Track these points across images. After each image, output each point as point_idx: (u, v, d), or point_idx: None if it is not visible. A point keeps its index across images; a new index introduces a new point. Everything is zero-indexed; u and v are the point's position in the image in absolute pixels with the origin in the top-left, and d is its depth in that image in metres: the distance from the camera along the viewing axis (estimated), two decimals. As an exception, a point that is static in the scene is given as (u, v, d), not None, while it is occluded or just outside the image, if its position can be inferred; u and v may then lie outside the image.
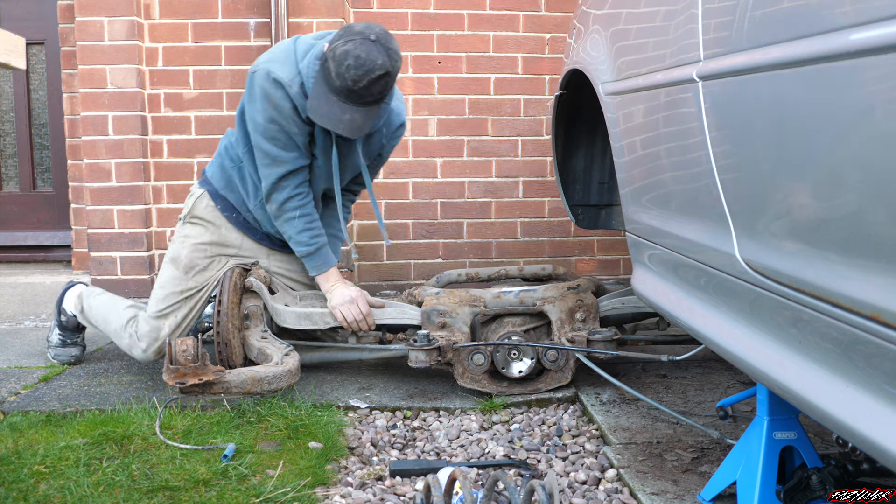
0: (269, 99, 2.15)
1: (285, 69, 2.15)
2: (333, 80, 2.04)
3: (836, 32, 0.93)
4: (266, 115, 2.17)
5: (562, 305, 2.32)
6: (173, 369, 1.98)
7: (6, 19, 3.51)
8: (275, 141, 2.20)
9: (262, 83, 2.15)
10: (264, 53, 2.26)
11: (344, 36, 2.05)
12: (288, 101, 2.15)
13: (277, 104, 2.15)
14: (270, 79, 2.14)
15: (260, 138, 2.21)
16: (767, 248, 1.20)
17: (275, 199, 2.28)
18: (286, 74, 2.14)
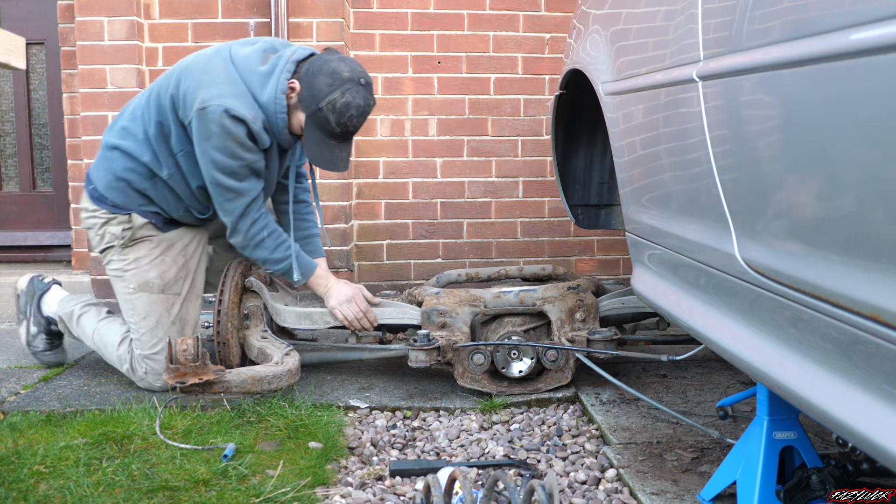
0: (231, 136, 2.09)
1: (244, 105, 2.10)
2: (334, 128, 2.14)
3: (836, 32, 0.93)
4: (227, 153, 2.11)
5: (562, 305, 2.32)
6: (173, 368, 1.98)
7: (6, 19, 3.51)
8: (235, 175, 2.15)
9: (220, 121, 2.07)
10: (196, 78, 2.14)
11: (335, 85, 2.10)
12: (249, 136, 2.12)
13: (241, 141, 2.10)
14: (230, 116, 2.07)
15: (219, 175, 2.14)
16: (767, 248, 1.20)
17: (240, 230, 2.22)
18: (247, 111, 2.10)
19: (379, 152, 3.59)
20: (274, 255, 2.26)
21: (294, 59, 2.17)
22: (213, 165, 2.13)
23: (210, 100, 2.08)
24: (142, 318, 2.28)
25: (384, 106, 3.57)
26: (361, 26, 3.52)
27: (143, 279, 2.28)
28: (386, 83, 3.56)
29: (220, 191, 2.18)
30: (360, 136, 3.56)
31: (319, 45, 3.31)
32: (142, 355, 2.27)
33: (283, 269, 2.29)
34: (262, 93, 2.14)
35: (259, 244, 2.24)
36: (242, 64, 2.16)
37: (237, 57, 2.18)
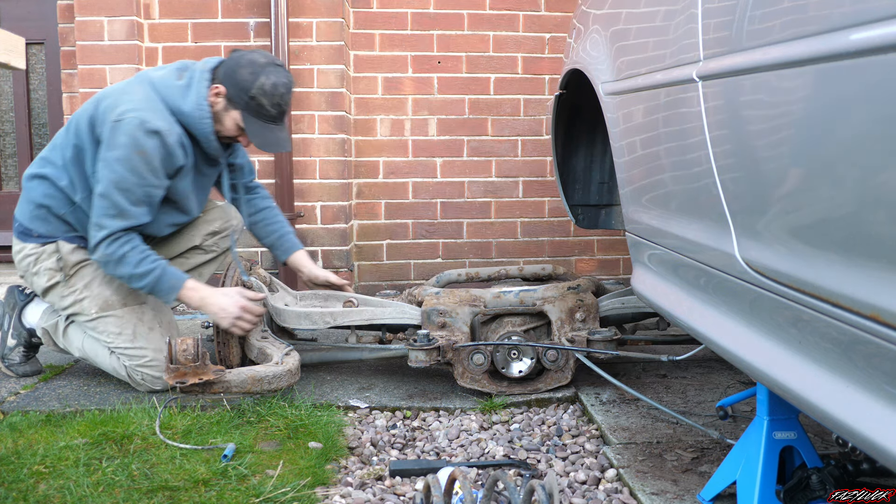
0: (139, 149, 2.07)
1: (159, 118, 2.10)
2: (270, 111, 2.17)
3: (836, 32, 0.93)
4: (129, 167, 2.08)
5: (562, 305, 2.32)
6: (173, 368, 1.98)
7: (6, 19, 3.51)
8: (129, 194, 2.11)
9: (132, 132, 2.06)
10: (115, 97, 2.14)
11: (257, 72, 2.14)
12: (161, 150, 2.10)
13: (148, 154, 2.08)
14: (145, 128, 2.07)
15: (113, 188, 2.09)
16: (767, 248, 1.20)
17: (102, 247, 2.14)
18: (163, 124, 2.10)
19: (379, 152, 3.59)
20: (138, 270, 2.14)
21: (207, 67, 2.21)
22: (111, 177, 2.09)
23: (126, 112, 2.09)
24: (117, 335, 2.24)
25: (384, 106, 3.57)
26: (361, 26, 3.52)
27: (102, 299, 2.24)
28: (386, 83, 3.56)
29: (107, 205, 2.11)
30: (360, 136, 3.56)
31: (319, 45, 3.31)
32: (133, 366, 2.24)
33: (149, 284, 2.16)
34: (184, 102, 2.16)
35: (121, 259, 2.14)
36: (160, 82, 2.19)
37: (154, 77, 2.21)
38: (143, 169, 2.10)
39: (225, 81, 2.18)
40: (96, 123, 2.15)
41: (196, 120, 2.17)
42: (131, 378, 2.26)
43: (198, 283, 2.23)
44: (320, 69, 3.33)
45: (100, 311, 2.25)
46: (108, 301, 2.25)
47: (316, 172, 3.37)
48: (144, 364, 2.24)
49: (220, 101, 2.19)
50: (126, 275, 2.16)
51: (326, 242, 3.41)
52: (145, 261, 2.16)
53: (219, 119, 2.21)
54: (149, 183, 2.13)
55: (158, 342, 2.25)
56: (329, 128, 3.35)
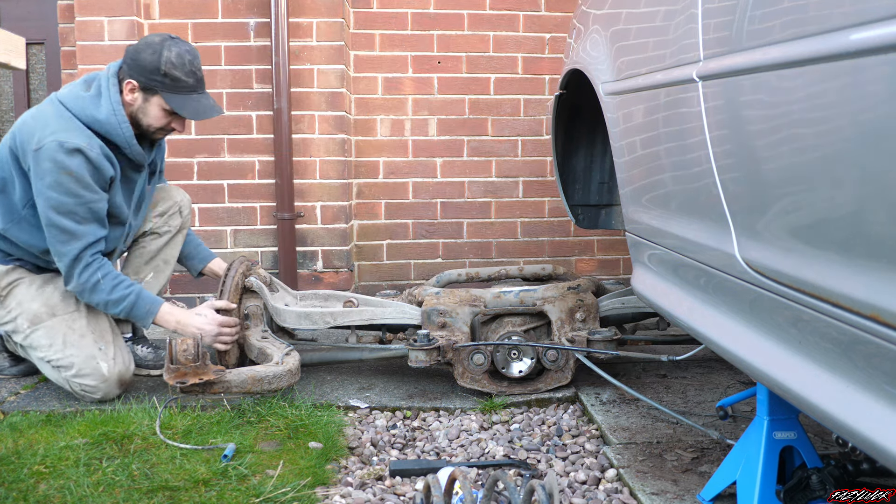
0: (65, 170, 2.05)
1: (76, 135, 2.08)
2: (185, 80, 2.16)
3: (836, 32, 0.93)
4: (62, 190, 2.06)
5: (562, 305, 2.32)
6: (174, 369, 1.98)
7: (6, 19, 3.51)
8: (72, 216, 2.08)
9: (53, 156, 2.04)
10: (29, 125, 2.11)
11: (157, 49, 2.13)
12: (87, 165, 2.08)
13: (76, 173, 2.06)
14: (65, 149, 2.04)
15: (54, 215, 2.07)
16: (767, 248, 1.20)
17: (73, 275, 2.13)
18: (81, 140, 2.07)
19: (379, 152, 3.59)
20: (112, 296, 2.14)
21: (111, 71, 2.19)
22: (49, 204, 2.07)
23: (43, 139, 2.06)
24: (48, 347, 2.18)
25: (384, 106, 3.57)
26: (361, 26, 3.52)
27: (31, 313, 2.20)
28: (386, 83, 3.56)
29: (56, 232, 2.09)
30: (360, 136, 3.57)
31: (320, 45, 3.31)
32: (67, 378, 2.16)
33: (125, 310, 2.16)
34: (98, 111, 2.13)
35: (94, 287, 2.13)
36: (68, 97, 2.16)
37: (62, 94, 2.18)
38: (76, 188, 2.07)
39: (132, 74, 2.15)
40: (19, 155, 2.12)
41: (114, 126, 2.14)
42: (73, 390, 2.18)
43: (173, 307, 2.24)
44: (320, 69, 3.33)
45: (31, 325, 2.20)
46: (36, 314, 2.20)
47: (316, 172, 3.37)
48: (77, 374, 2.15)
49: (136, 96, 2.17)
50: (102, 301, 2.16)
51: (326, 242, 3.41)
52: (119, 286, 2.15)
53: (144, 113, 2.18)
54: (87, 200, 2.10)
55: (90, 349, 2.17)
56: (329, 128, 3.35)
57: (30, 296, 2.22)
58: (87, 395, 2.17)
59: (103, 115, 2.13)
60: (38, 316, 2.21)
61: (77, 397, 2.19)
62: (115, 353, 2.21)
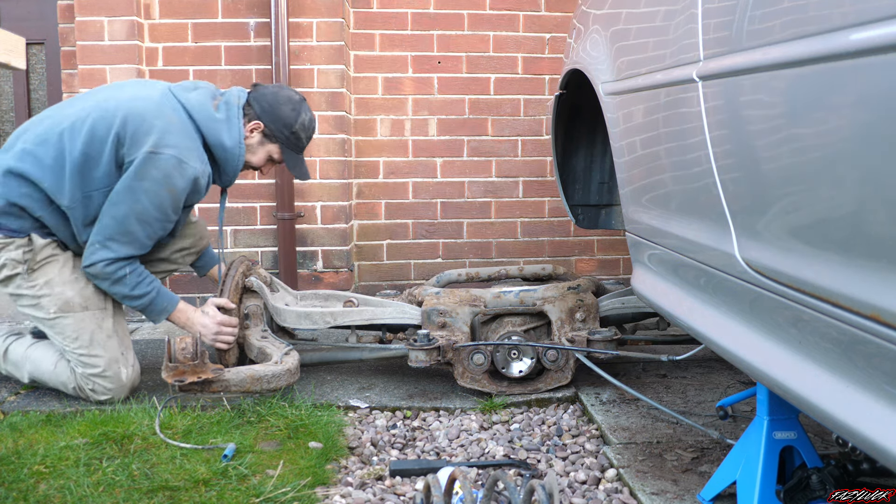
0: (170, 188, 2.08)
1: (196, 158, 2.12)
2: (304, 143, 2.33)
3: (836, 32, 0.93)
4: (155, 202, 2.09)
5: (562, 305, 2.32)
6: (172, 367, 1.98)
7: (6, 19, 3.51)
8: (146, 226, 2.12)
9: (168, 170, 2.07)
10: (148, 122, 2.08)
11: (297, 109, 2.28)
12: (190, 188, 2.12)
13: (178, 194, 2.11)
14: (181, 170, 2.08)
15: (133, 218, 2.09)
16: (767, 248, 1.20)
17: (101, 268, 2.12)
18: (199, 165, 2.13)
19: (379, 152, 3.59)
20: (134, 292, 2.16)
21: (241, 101, 2.25)
22: (135, 206, 2.08)
23: (164, 147, 2.07)
24: (73, 339, 2.15)
25: (384, 106, 3.57)
26: (361, 26, 3.52)
27: (62, 300, 2.15)
28: (386, 83, 3.56)
29: (120, 230, 2.10)
30: (360, 136, 3.57)
31: (320, 45, 3.31)
32: (85, 374, 2.15)
33: (142, 305, 2.19)
34: (227, 138, 2.19)
35: (119, 280, 2.13)
36: (198, 111, 2.17)
37: (189, 104, 2.18)
38: (168, 206, 2.12)
39: (263, 118, 2.25)
40: (123, 144, 2.08)
41: (235, 157, 2.22)
42: (80, 388, 2.16)
43: (186, 305, 2.26)
44: (320, 69, 3.33)
45: (59, 311, 2.15)
46: (68, 302, 2.16)
47: (316, 172, 3.37)
48: (98, 374, 2.15)
49: (256, 137, 2.27)
50: (120, 294, 2.16)
51: (326, 242, 3.41)
52: (142, 283, 2.17)
53: (252, 153, 2.29)
54: (169, 219, 2.17)
55: (115, 352, 2.18)
56: (329, 128, 3.35)
57: (62, 279, 2.17)
58: (96, 396, 2.17)
59: (230, 144, 2.20)
60: (70, 305, 2.16)
61: (81, 396, 2.18)
62: (132, 359, 2.24)
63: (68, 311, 2.16)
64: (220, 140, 2.18)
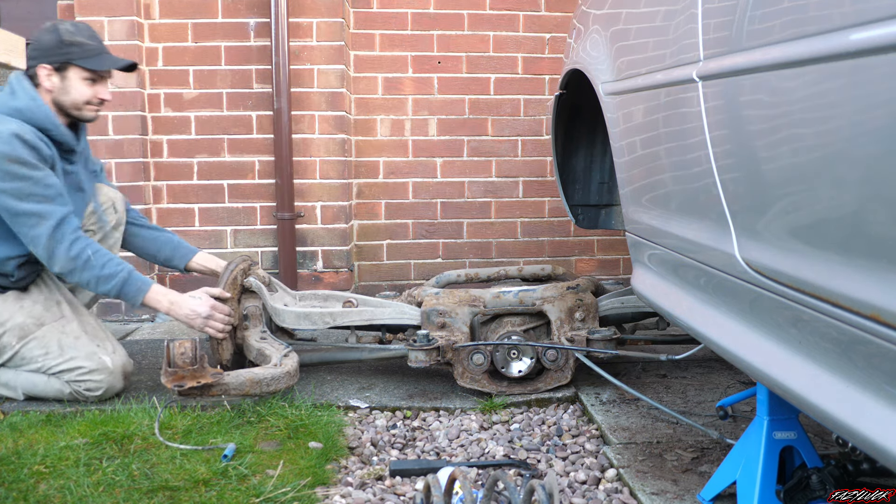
0: (8, 158, 2.05)
1: (8, 123, 2.09)
2: (90, 43, 2.21)
3: (836, 32, 0.93)
4: (12, 176, 2.05)
5: (561, 305, 2.32)
6: (171, 372, 1.98)
7: (6, 19, 3.51)
8: (32, 198, 2.08)
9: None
10: None
11: (52, 28, 2.19)
12: (25, 147, 2.07)
13: (19, 157, 2.06)
14: (3, 136, 2.05)
15: (14, 202, 2.06)
16: (767, 248, 1.20)
17: (57, 255, 2.09)
18: (13, 125, 2.08)
19: (379, 152, 3.59)
20: (104, 272, 2.12)
21: (17, 73, 2.22)
22: (6, 195, 2.06)
23: None
24: (44, 355, 2.16)
25: (384, 106, 3.57)
26: (361, 26, 3.52)
27: (17, 327, 2.17)
28: (386, 83, 3.56)
29: (21, 219, 2.08)
30: (360, 136, 3.57)
31: (320, 45, 3.32)
32: (72, 379, 2.16)
33: (116, 287, 2.14)
34: (16, 101, 2.15)
35: (85, 263, 2.10)
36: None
37: None
38: (24, 170, 2.07)
39: (41, 60, 2.18)
40: None
41: (34, 109, 2.14)
42: (76, 392, 2.17)
43: (164, 288, 2.22)
44: (320, 69, 3.33)
45: (19, 339, 2.17)
46: (23, 327, 2.17)
47: (316, 172, 3.37)
48: (82, 375, 2.15)
49: (54, 80, 2.19)
50: (93, 278, 2.13)
51: (326, 242, 3.41)
52: (110, 263, 2.14)
53: (66, 92, 2.19)
54: (38, 178, 2.09)
55: (89, 346, 2.18)
56: (329, 128, 3.35)
57: (9, 312, 2.17)
58: (92, 393, 2.17)
59: (22, 104, 2.14)
60: (26, 328, 2.17)
61: (80, 399, 2.18)
62: (113, 347, 2.23)
63: (27, 335, 2.17)
64: (11, 106, 2.14)
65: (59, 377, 2.17)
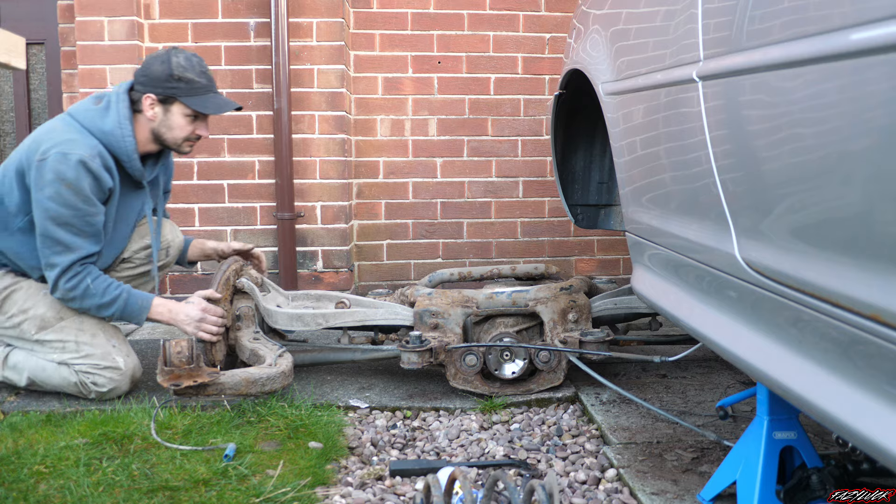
0: (65, 182, 2.07)
1: (80, 146, 2.11)
2: (199, 81, 2.23)
3: (836, 32, 0.93)
4: (61, 201, 2.08)
5: (554, 306, 2.32)
6: (167, 371, 1.98)
7: (6, 19, 3.51)
8: (68, 227, 2.10)
9: (56, 167, 2.07)
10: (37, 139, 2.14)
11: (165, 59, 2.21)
12: (88, 177, 2.10)
13: (75, 185, 2.08)
14: (68, 160, 2.07)
15: (51, 226, 2.09)
16: (767, 248, 1.20)
17: (59, 286, 2.14)
18: (85, 151, 2.10)
19: (379, 152, 3.59)
20: (105, 299, 2.16)
21: (122, 88, 2.23)
22: (47, 215, 2.09)
23: (47, 151, 2.09)
24: (62, 348, 2.20)
25: (384, 106, 3.57)
26: (361, 26, 3.52)
27: (39, 319, 2.21)
28: (386, 83, 3.56)
29: (50, 243, 2.11)
30: (360, 136, 3.57)
31: (319, 45, 3.32)
32: (83, 370, 2.18)
33: (118, 310, 2.18)
34: (104, 122, 2.17)
35: (85, 292, 2.14)
36: (78, 109, 2.21)
37: (73, 108, 2.23)
38: (74, 200, 2.09)
39: (147, 89, 2.21)
40: (25, 169, 2.14)
41: (118, 138, 2.18)
42: (83, 385, 2.19)
43: (164, 299, 2.24)
44: (320, 69, 3.33)
45: (38, 329, 2.21)
46: (44, 318, 2.21)
47: (316, 172, 3.37)
48: (96, 368, 2.18)
49: (156, 111, 2.22)
50: (94, 306, 2.17)
51: (326, 242, 3.41)
52: (109, 289, 2.17)
53: (168, 127, 2.23)
54: (84, 213, 2.12)
55: (105, 346, 2.21)
56: (329, 128, 3.35)
57: (32, 301, 2.23)
58: (98, 388, 2.19)
59: (108, 127, 2.17)
60: (46, 320, 2.22)
61: (84, 393, 2.19)
62: (127, 350, 2.26)
63: (47, 327, 2.21)
64: (98, 126, 2.16)
65: (72, 368, 2.19)
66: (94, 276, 2.16)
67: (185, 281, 3.34)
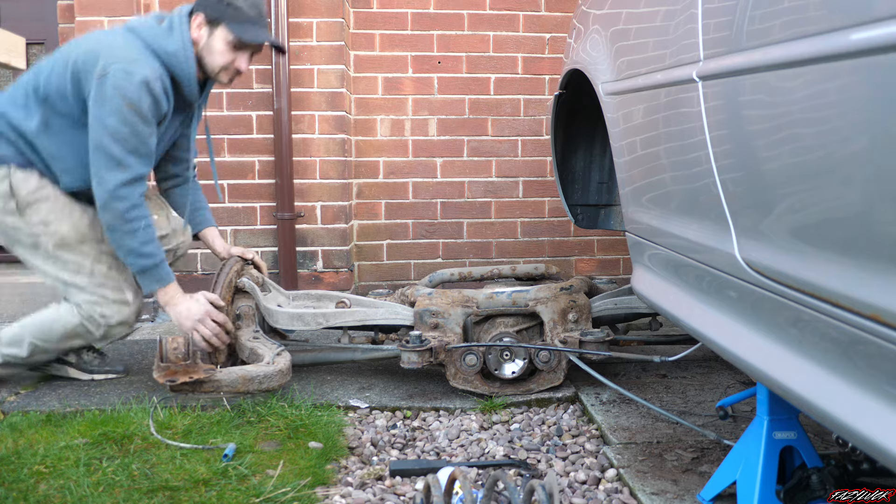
0: (127, 100, 2.07)
1: (144, 66, 2.10)
2: (249, 13, 2.19)
3: (836, 32, 0.93)
4: (120, 118, 2.08)
5: (554, 306, 2.32)
6: (163, 367, 1.98)
7: (6, 19, 3.51)
8: (125, 143, 2.10)
9: (119, 83, 2.06)
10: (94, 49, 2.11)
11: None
12: (149, 98, 2.11)
13: (136, 105, 2.08)
14: (131, 79, 2.07)
15: (109, 141, 2.09)
16: (767, 248, 1.20)
17: (113, 209, 2.12)
18: (148, 71, 2.10)
19: (379, 152, 3.59)
20: (142, 249, 2.15)
21: (184, 12, 2.22)
22: (106, 131, 2.09)
23: (109, 66, 2.08)
24: (75, 273, 2.22)
25: (384, 106, 3.57)
26: (361, 26, 3.52)
27: (59, 237, 2.21)
28: (386, 83, 3.56)
29: (104, 158, 2.10)
30: (360, 136, 3.57)
31: (319, 45, 3.32)
32: (92, 301, 2.21)
33: (142, 267, 2.17)
34: (169, 43, 2.16)
35: (133, 231, 2.13)
36: (142, 27, 2.19)
37: (133, 24, 2.22)
38: (134, 119, 2.09)
39: (198, 8, 2.20)
40: (81, 78, 2.12)
41: (181, 60, 2.17)
42: (90, 321, 2.22)
43: (177, 287, 2.24)
44: (320, 69, 3.33)
45: (56, 247, 2.22)
46: (64, 237, 2.22)
47: (316, 172, 3.37)
48: (103, 300, 2.22)
49: (202, 32, 2.20)
50: (128, 247, 2.16)
51: (326, 242, 3.41)
52: (151, 243, 2.17)
53: (210, 51, 2.21)
54: (140, 132, 2.12)
55: (116, 281, 2.25)
56: (329, 128, 3.35)
57: (56, 216, 2.21)
58: (106, 320, 2.23)
59: (172, 48, 2.17)
60: (66, 239, 2.22)
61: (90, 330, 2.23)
62: (135, 288, 2.31)
63: (64, 247, 2.23)
64: (162, 46, 2.16)
65: (78, 299, 2.22)
66: (147, 223, 2.17)
67: (184, 281, 3.34)
